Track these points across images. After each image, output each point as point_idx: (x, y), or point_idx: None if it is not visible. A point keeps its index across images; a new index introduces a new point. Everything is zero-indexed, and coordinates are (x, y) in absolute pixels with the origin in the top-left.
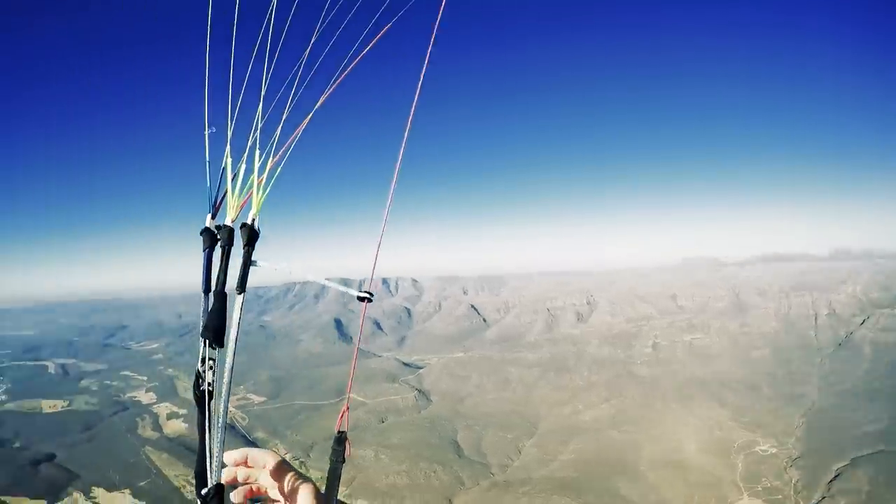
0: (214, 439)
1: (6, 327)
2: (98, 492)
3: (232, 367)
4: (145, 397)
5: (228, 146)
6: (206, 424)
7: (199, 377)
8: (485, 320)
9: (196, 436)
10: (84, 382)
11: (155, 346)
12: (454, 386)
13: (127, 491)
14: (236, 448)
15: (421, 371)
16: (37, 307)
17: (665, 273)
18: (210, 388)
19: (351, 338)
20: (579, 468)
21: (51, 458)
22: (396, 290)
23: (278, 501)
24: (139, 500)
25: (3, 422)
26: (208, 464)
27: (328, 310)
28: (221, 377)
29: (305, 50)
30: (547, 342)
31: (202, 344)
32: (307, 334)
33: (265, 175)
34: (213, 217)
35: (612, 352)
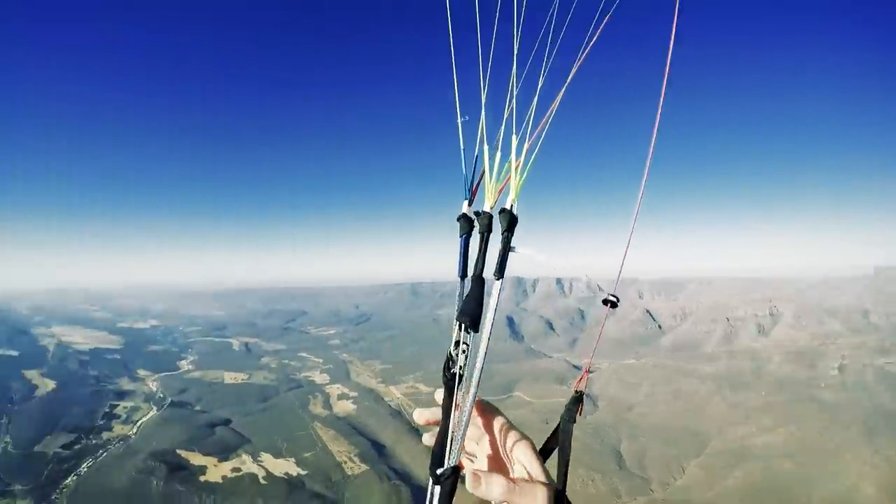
0: (460, 423)
1: (198, 308)
2: (265, 457)
3: (486, 353)
4: (319, 378)
5: (483, 130)
6: (452, 407)
7: (449, 359)
8: (660, 327)
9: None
10: (264, 360)
11: (332, 332)
12: (623, 393)
13: (292, 460)
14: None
15: (590, 375)
16: (226, 292)
17: (856, 284)
18: (461, 372)
19: (523, 336)
20: (744, 497)
21: (227, 422)
22: (570, 291)
23: (473, 456)
24: (302, 469)
25: (189, 388)
26: (448, 445)
27: (501, 307)
28: (474, 362)
29: (544, 25)
30: (724, 354)
31: (456, 327)
32: None
33: (521, 159)
34: (470, 204)
35: (793, 371)
